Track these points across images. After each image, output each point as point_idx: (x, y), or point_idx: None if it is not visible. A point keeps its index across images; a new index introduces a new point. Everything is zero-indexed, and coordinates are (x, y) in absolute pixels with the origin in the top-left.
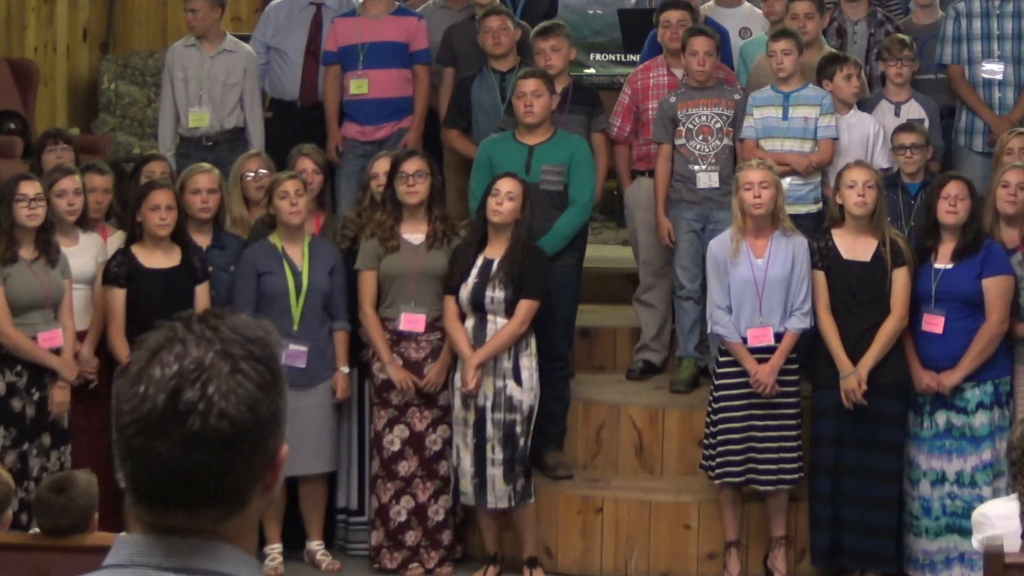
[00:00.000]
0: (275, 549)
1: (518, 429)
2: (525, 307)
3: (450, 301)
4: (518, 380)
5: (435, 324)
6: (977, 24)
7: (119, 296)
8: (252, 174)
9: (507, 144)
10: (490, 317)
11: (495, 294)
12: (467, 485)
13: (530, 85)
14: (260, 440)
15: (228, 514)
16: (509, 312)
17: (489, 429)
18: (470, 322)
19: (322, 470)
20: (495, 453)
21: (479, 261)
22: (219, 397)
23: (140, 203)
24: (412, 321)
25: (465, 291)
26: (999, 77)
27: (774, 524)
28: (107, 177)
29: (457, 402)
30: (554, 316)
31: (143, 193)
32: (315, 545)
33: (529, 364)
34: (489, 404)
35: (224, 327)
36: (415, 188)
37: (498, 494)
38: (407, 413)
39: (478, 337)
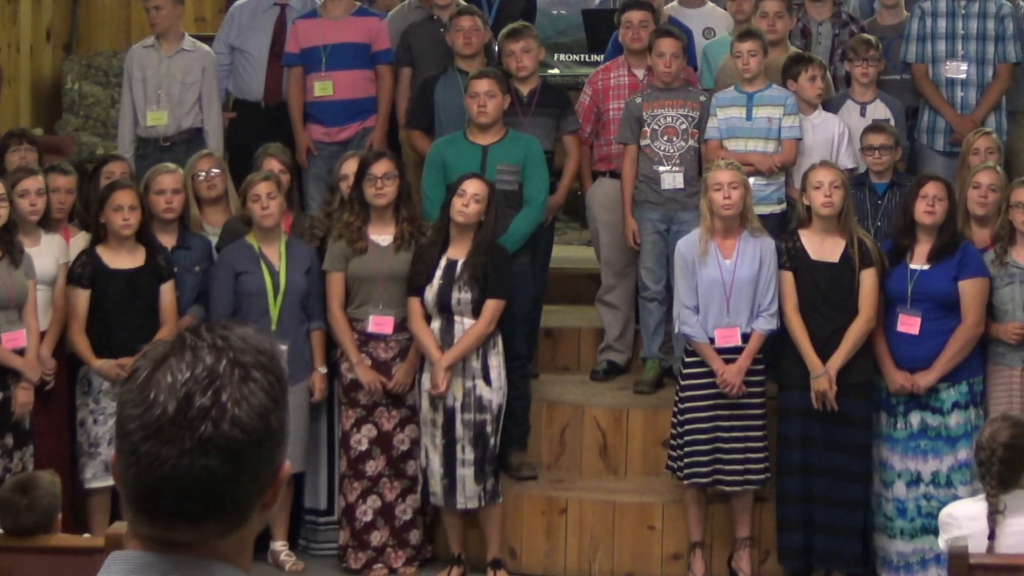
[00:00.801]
0: None
1: (488, 429)
2: (492, 307)
3: (415, 303)
4: (487, 380)
5: (403, 325)
6: (942, 23)
7: (82, 297)
8: (203, 174)
9: (460, 144)
10: (457, 318)
11: (462, 295)
12: (436, 486)
13: (483, 85)
14: (268, 451)
15: (230, 529)
16: (476, 313)
17: (459, 429)
18: (436, 323)
19: (294, 470)
20: (465, 453)
21: (443, 262)
22: (232, 404)
23: (103, 204)
24: (380, 323)
25: (430, 293)
26: (963, 77)
27: (739, 525)
28: (70, 177)
29: (425, 403)
30: (513, 315)
31: (106, 194)
32: (279, 545)
33: (497, 363)
34: (458, 405)
35: (234, 336)
36: (384, 190)
37: (468, 494)
38: (375, 413)
39: (445, 338)
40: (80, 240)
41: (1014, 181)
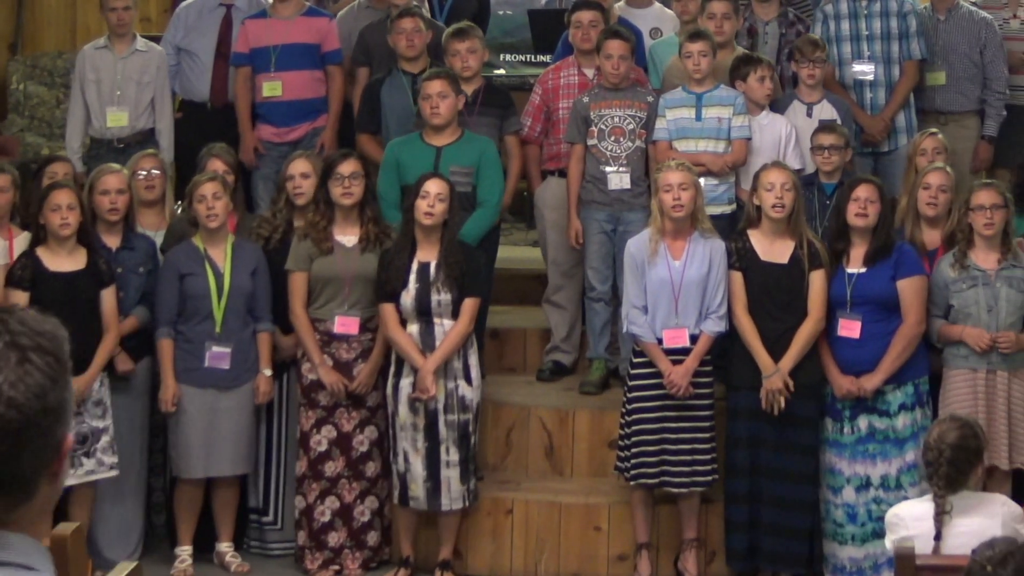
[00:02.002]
0: (185, 551)
1: (471, 428)
2: (470, 306)
3: (389, 308)
4: (468, 379)
5: (367, 325)
6: (846, 25)
7: (21, 299)
8: (144, 173)
9: (415, 145)
10: (436, 320)
11: (441, 297)
12: (418, 490)
13: (436, 86)
14: (48, 429)
15: (17, 503)
16: (455, 313)
17: (442, 431)
18: (414, 327)
19: (239, 472)
20: (450, 455)
21: (414, 266)
22: (8, 386)
23: (42, 204)
24: (346, 324)
25: (407, 298)
26: (870, 77)
27: (686, 526)
28: (8, 176)
29: (403, 408)
30: None
31: (44, 194)
32: (225, 547)
33: (475, 362)
34: (441, 406)
35: (12, 320)
36: (351, 190)
37: (454, 495)
38: (335, 414)
39: (426, 341)
40: (23, 240)
41: (974, 183)
